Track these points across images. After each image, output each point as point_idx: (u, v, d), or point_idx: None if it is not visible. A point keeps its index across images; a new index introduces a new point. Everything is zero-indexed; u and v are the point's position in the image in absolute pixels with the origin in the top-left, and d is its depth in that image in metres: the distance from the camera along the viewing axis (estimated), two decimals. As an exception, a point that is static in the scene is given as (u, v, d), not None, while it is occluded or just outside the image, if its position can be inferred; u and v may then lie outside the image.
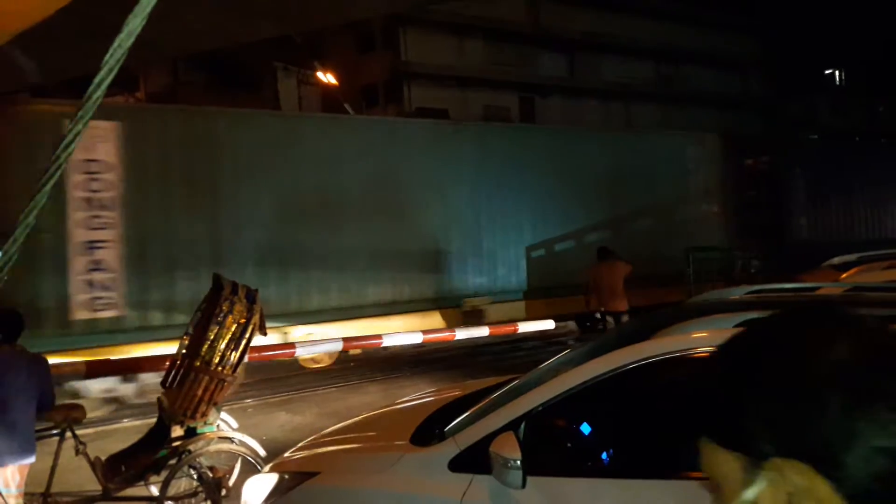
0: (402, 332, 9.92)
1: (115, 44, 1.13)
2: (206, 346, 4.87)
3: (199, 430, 5.02)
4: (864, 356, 0.66)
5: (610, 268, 9.96)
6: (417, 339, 9.22)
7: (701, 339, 2.89)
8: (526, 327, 10.23)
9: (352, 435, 3.92)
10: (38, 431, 4.51)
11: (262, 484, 3.56)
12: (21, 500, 4.37)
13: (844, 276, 7.19)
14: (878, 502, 0.62)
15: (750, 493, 0.66)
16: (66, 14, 2.39)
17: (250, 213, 9.98)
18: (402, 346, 10.49)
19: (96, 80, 1.14)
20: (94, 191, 8.83)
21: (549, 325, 10.02)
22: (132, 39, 1.14)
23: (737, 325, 2.84)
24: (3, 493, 4.18)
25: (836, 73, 40.89)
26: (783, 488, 0.64)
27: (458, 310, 11.26)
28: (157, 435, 5.25)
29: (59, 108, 8.28)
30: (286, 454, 3.87)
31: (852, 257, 8.92)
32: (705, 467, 0.72)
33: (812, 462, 0.63)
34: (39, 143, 7.44)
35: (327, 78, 23.07)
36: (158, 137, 9.41)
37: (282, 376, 10.95)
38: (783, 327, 0.72)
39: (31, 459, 4.37)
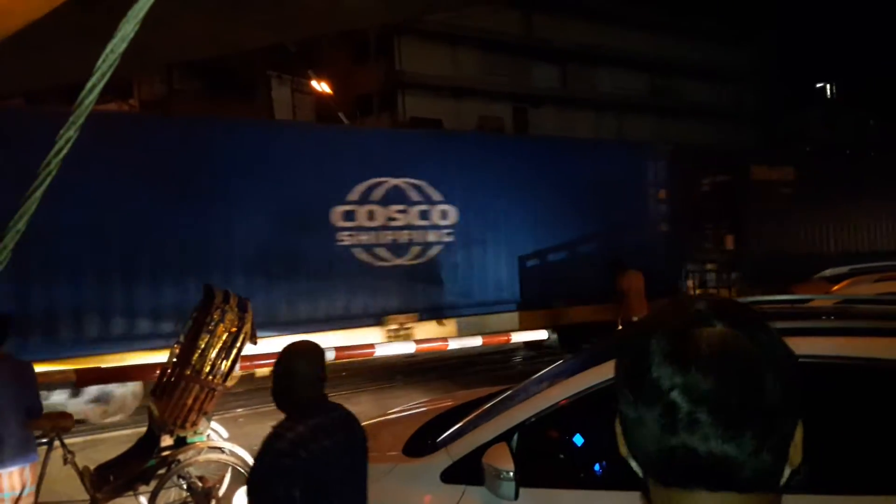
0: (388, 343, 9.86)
1: (108, 48, 1.12)
2: (196, 355, 4.84)
3: (188, 440, 4.98)
4: (670, 366, 0.75)
5: (637, 275, 10.12)
6: (410, 348, 9.19)
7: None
8: (519, 337, 10.21)
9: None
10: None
11: (252, 494, 3.53)
12: (31, 501, 4.33)
13: (836, 287, 7.21)
14: (665, 478, 0.76)
15: (619, 429, 0.83)
16: (57, 17, 2.38)
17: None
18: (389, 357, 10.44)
19: (88, 85, 1.13)
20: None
21: (542, 335, 10.02)
22: (125, 44, 1.13)
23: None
24: (6, 498, 4.15)
25: (828, 86, 41.22)
26: (619, 431, 0.82)
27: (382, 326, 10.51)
28: (147, 444, 5.20)
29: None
30: (277, 464, 3.83)
31: (844, 269, 8.94)
32: None
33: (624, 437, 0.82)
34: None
35: (321, 87, 23.09)
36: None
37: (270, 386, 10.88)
38: (636, 339, 0.83)
39: (33, 460, 4.35)
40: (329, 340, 9.54)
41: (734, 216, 15.46)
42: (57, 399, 8.38)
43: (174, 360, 5.21)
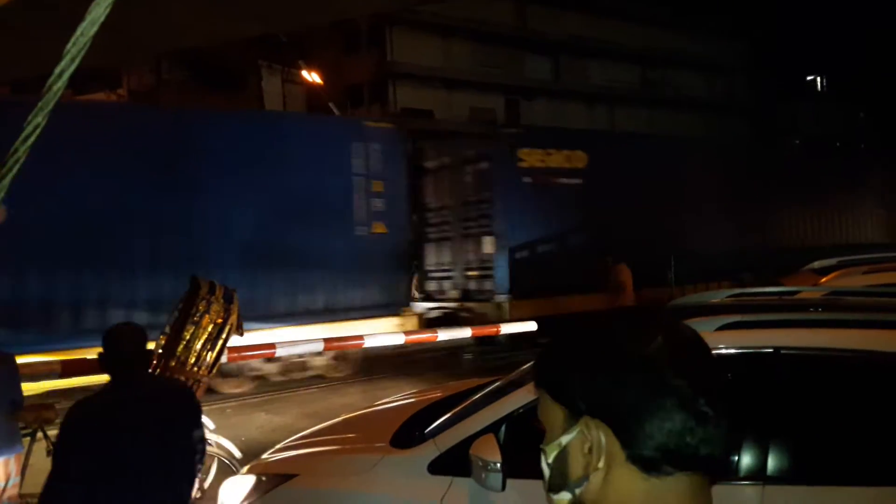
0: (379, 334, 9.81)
1: (78, 32, 1.09)
2: (181, 346, 4.80)
3: (175, 431, 4.94)
4: (667, 357, 0.82)
5: (626, 267, 10.16)
6: (400, 339, 9.17)
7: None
8: (508, 329, 10.18)
9: (331, 436, 3.88)
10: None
11: (239, 486, 3.51)
12: (16, 492, 4.31)
13: (824, 280, 7.24)
14: (658, 465, 0.81)
15: (564, 439, 0.86)
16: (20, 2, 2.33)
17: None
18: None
19: (57, 70, 1.09)
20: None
21: (531, 326, 9.99)
22: (96, 27, 1.10)
23: (718, 328, 2.85)
24: None
25: (819, 79, 41.36)
26: (587, 440, 0.84)
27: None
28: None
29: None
30: (264, 455, 3.82)
31: (832, 261, 8.98)
32: (540, 412, 0.91)
33: (611, 425, 0.83)
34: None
35: (312, 77, 22.96)
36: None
37: (261, 376, 10.87)
38: (615, 324, 0.89)
39: (18, 451, 4.33)
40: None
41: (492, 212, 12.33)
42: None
43: (159, 351, 5.16)
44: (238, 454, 5.06)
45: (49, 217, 8.45)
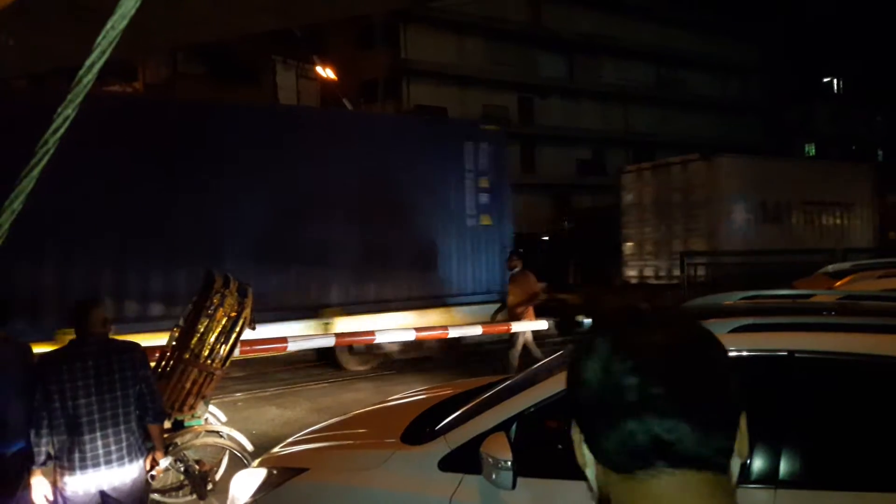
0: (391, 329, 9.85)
1: (108, 25, 1.10)
2: (195, 339, 4.84)
3: (186, 423, 4.99)
4: (627, 372, 0.81)
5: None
6: (410, 336, 9.17)
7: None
8: (518, 327, 10.16)
9: (342, 431, 3.89)
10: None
11: (249, 479, 3.53)
12: None
13: (838, 284, 7.19)
14: (628, 466, 0.81)
15: (576, 436, 0.89)
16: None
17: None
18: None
19: (87, 63, 1.11)
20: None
21: (542, 325, 9.96)
22: (126, 21, 1.11)
23: (731, 330, 2.84)
24: None
25: (835, 80, 41.00)
26: (577, 438, 0.88)
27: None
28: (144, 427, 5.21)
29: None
30: (275, 449, 3.84)
31: (846, 265, 8.93)
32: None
33: (578, 424, 0.87)
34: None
35: (326, 73, 22.99)
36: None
37: (273, 371, 10.92)
38: (584, 339, 0.90)
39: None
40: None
41: None
42: None
43: (173, 343, 5.20)
44: (250, 447, 5.09)
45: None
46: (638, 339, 0.84)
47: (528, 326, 9.49)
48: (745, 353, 2.74)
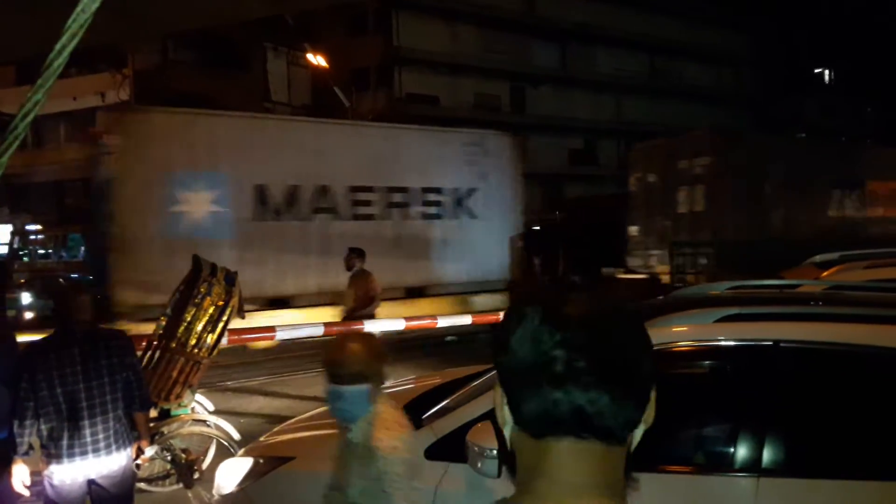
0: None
1: (79, 8, 1.08)
2: (182, 328, 4.81)
3: (172, 412, 4.97)
4: (539, 326, 0.86)
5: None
6: (400, 325, 9.17)
7: (681, 332, 2.88)
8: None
9: (329, 420, 3.88)
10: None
11: (236, 468, 3.53)
12: None
13: (825, 274, 7.21)
14: (543, 432, 0.86)
15: (498, 398, 0.93)
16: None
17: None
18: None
19: (57, 46, 1.09)
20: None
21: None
22: (97, 4, 1.09)
23: (717, 320, 2.84)
24: None
25: (826, 72, 41.09)
26: (499, 400, 0.92)
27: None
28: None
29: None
30: (261, 438, 3.84)
31: (834, 256, 8.94)
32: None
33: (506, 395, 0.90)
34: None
35: (317, 60, 22.83)
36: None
37: (261, 360, 10.89)
38: (514, 308, 0.93)
39: None
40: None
41: None
42: None
43: (160, 332, 5.18)
44: (236, 436, 5.08)
45: None
46: (566, 312, 0.87)
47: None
48: (730, 343, 2.75)
